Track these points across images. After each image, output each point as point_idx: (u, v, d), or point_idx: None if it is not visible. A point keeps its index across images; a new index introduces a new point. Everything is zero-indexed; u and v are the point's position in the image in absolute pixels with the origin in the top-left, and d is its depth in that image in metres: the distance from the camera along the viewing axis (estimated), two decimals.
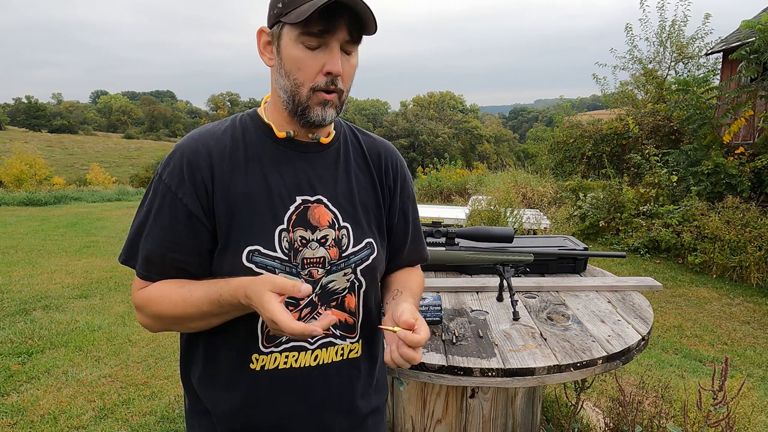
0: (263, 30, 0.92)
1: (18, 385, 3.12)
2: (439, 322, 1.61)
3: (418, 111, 59.69)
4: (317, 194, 0.95)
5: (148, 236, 0.90)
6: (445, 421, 1.86)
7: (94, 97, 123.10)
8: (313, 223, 0.93)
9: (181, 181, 0.89)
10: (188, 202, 0.88)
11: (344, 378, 0.99)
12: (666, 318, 4.85)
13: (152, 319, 0.92)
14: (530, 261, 1.67)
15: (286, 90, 0.90)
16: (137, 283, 0.93)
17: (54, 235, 8.28)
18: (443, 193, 13.73)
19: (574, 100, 24.83)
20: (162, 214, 0.90)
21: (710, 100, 8.76)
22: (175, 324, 0.92)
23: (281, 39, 0.88)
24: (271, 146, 0.95)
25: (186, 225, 0.89)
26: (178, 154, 0.91)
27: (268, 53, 0.93)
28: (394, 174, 1.08)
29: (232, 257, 0.89)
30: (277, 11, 0.87)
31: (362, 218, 1.00)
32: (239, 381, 0.94)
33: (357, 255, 0.98)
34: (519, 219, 6.91)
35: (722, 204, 6.95)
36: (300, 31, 0.85)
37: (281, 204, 0.92)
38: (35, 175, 19.71)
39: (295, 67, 0.88)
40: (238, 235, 0.89)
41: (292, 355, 0.94)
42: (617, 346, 1.45)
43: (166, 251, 0.90)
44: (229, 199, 0.90)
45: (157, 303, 0.89)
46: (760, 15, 8.60)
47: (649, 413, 2.22)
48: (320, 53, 0.87)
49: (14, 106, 80.00)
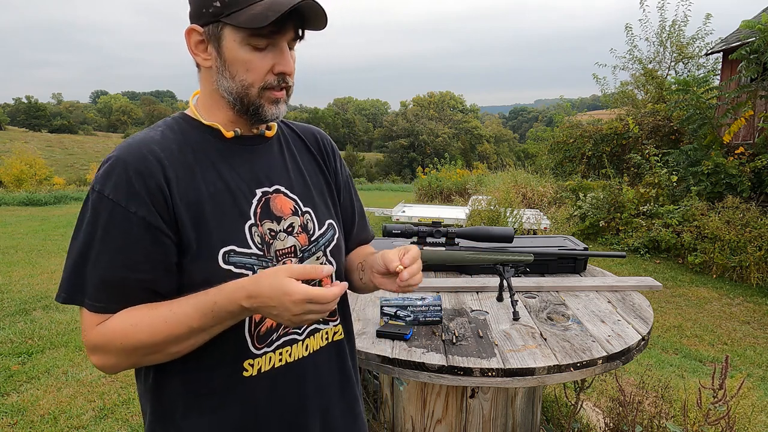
0: (194, 29, 0.87)
1: (18, 385, 3.12)
2: (439, 322, 1.61)
3: (418, 111, 59.71)
4: (274, 184, 0.94)
5: (98, 262, 0.80)
6: (445, 421, 1.86)
7: (94, 97, 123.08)
8: (277, 214, 0.93)
9: (131, 194, 0.80)
10: (145, 214, 0.80)
11: (333, 362, 1.01)
12: (666, 318, 4.85)
13: (121, 355, 0.81)
14: (530, 261, 1.67)
15: (232, 91, 0.88)
16: (91, 319, 0.81)
17: (54, 235, 8.28)
18: (443, 193, 13.73)
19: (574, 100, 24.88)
20: (112, 234, 0.80)
21: (710, 100, 8.76)
22: (153, 353, 0.82)
23: (222, 40, 0.85)
24: (218, 146, 0.91)
25: (149, 240, 0.81)
26: (120, 166, 0.81)
27: (202, 54, 0.88)
28: (333, 153, 1.10)
29: (207, 262, 0.84)
30: (215, 10, 0.83)
31: (319, 201, 1.01)
32: (235, 393, 0.89)
33: (324, 237, 0.99)
34: (519, 219, 6.91)
35: (722, 204, 6.95)
36: (249, 33, 0.83)
37: (244, 199, 0.89)
38: (35, 175, 19.71)
39: (243, 69, 0.86)
40: (209, 238, 0.84)
41: (285, 351, 0.93)
42: (617, 346, 1.45)
43: (129, 273, 0.81)
44: (191, 204, 0.84)
45: (130, 334, 0.79)
46: (760, 15, 8.60)
47: (649, 413, 2.22)
48: (269, 53, 0.86)
49: (14, 106, 80.00)
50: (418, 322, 1.60)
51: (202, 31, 0.86)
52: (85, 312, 0.81)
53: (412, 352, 1.40)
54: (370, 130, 71.30)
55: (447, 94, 66.26)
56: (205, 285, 0.82)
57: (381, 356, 1.39)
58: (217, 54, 0.86)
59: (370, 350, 1.41)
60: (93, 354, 0.83)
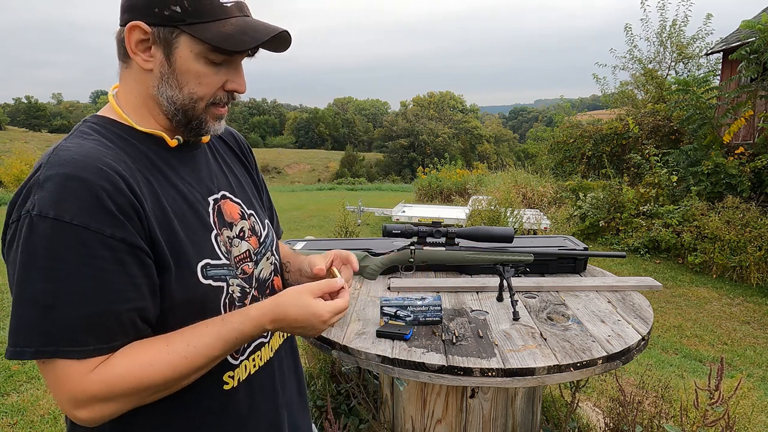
0: (139, 26, 0.77)
1: (18, 385, 3.12)
2: (439, 322, 1.61)
3: (418, 111, 59.71)
4: (221, 190, 0.92)
5: (74, 302, 0.68)
6: (445, 421, 1.86)
7: (94, 97, 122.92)
8: (229, 220, 0.90)
9: (102, 214, 0.69)
10: (124, 235, 0.71)
11: (289, 356, 1.05)
12: (666, 318, 4.85)
13: (127, 400, 0.72)
14: (530, 261, 1.67)
15: (176, 101, 0.81)
16: (78, 368, 0.69)
17: None
18: (443, 193, 13.72)
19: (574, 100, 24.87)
20: (87, 265, 0.69)
21: (710, 100, 8.76)
22: (163, 391, 0.76)
23: (176, 48, 0.78)
24: (161, 154, 0.84)
25: (132, 263, 0.72)
26: (78, 185, 0.69)
27: (142, 54, 0.79)
28: (250, 151, 1.10)
29: (187, 279, 0.79)
30: (172, 14, 0.76)
31: (254, 201, 1.01)
32: (218, 409, 0.87)
33: (268, 239, 1.00)
34: (519, 219, 6.91)
35: (722, 204, 6.95)
36: (210, 48, 0.78)
37: (203, 209, 0.85)
38: None
39: (195, 82, 0.80)
40: (185, 253, 0.79)
41: (257, 356, 0.94)
42: (617, 346, 1.45)
43: (115, 305, 0.71)
44: (160, 218, 0.77)
45: (146, 375, 0.71)
46: (760, 15, 8.60)
47: (649, 413, 2.22)
48: (222, 69, 0.82)
49: (14, 106, 80.00)
50: (418, 322, 1.60)
51: (150, 31, 0.78)
52: (63, 363, 0.68)
53: (412, 352, 1.40)
54: (370, 130, 71.31)
55: (447, 94, 66.25)
56: (186, 304, 0.79)
57: (381, 356, 1.39)
58: (165, 60, 0.79)
59: (370, 350, 1.41)
60: (86, 406, 0.70)
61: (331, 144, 68.15)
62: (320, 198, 15.74)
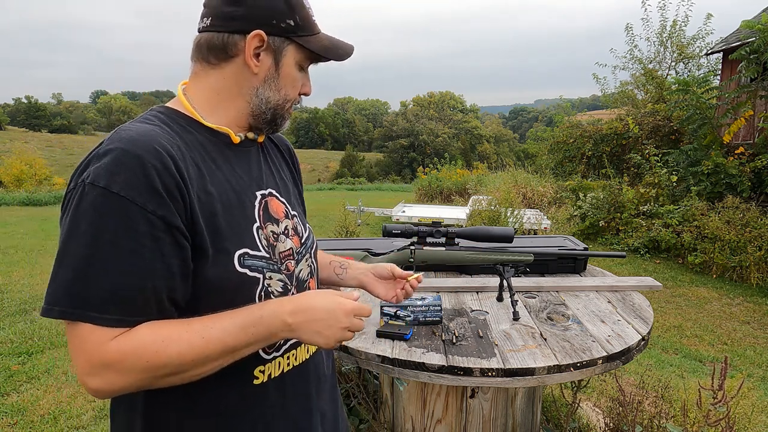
0: (260, 35, 0.85)
1: (18, 385, 3.12)
2: (439, 322, 1.61)
3: (418, 111, 59.71)
4: (268, 188, 0.96)
5: (107, 269, 0.71)
6: (445, 421, 1.86)
7: (94, 97, 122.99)
8: (275, 216, 0.94)
9: (148, 191, 0.73)
10: (164, 213, 0.74)
11: (324, 360, 1.05)
12: (666, 318, 4.85)
13: (139, 374, 0.73)
14: (530, 261, 1.67)
15: (270, 102, 0.91)
16: (100, 334, 0.71)
17: (54, 235, 8.28)
18: (443, 193, 13.72)
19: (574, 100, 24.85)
20: (127, 237, 0.71)
21: (710, 100, 8.76)
22: (175, 374, 0.75)
23: (284, 55, 0.89)
24: (218, 146, 0.89)
25: (168, 242, 0.74)
26: (132, 160, 0.73)
27: (255, 59, 0.87)
28: (296, 160, 1.16)
29: (224, 265, 0.81)
30: (287, 27, 0.87)
31: (297, 204, 1.05)
32: (245, 404, 0.87)
33: (309, 240, 1.03)
34: (519, 219, 6.91)
35: (722, 204, 6.95)
36: (306, 56, 0.92)
37: (249, 202, 0.89)
38: (35, 175, 19.73)
39: (291, 86, 0.93)
40: (224, 240, 0.82)
41: (292, 354, 0.94)
42: (617, 346, 1.45)
43: (145, 281, 0.73)
44: (205, 203, 0.80)
45: (161, 350, 0.73)
46: (760, 15, 8.60)
47: (649, 413, 2.22)
48: (302, 74, 0.95)
49: (14, 106, 79.99)
50: (418, 322, 1.60)
51: (266, 39, 0.86)
52: (86, 328, 0.71)
53: (412, 352, 1.40)
54: (370, 130, 71.32)
55: (447, 94, 66.26)
56: (218, 291, 0.81)
57: (381, 356, 1.39)
58: (273, 65, 0.89)
59: (370, 350, 1.41)
60: (99, 374, 0.71)
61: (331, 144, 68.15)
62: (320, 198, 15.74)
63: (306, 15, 0.90)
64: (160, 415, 0.84)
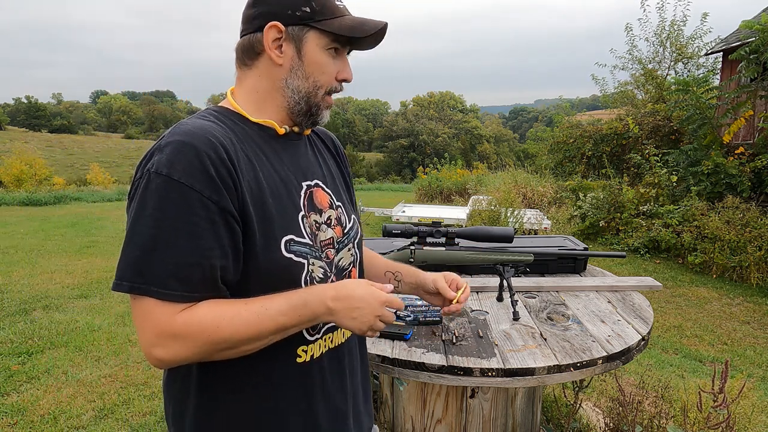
0: (276, 26, 0.90)
1: (18, 385, 3.12)
2: (439, 322, 1.61)
3: (418, 111, 59.71)
4: (314, 179, 1.01)
5: (169, 249, 0.78)
6: (445, 421, 1.86)
7: (94, 97, 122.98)
8: (319, 206, 0.98)
9: (204, 179, 0.80)
10: (218, 199, 0.81)
11: (357, 347, 1.09)
12: (666, 318, 4.85)
13: (201, 347, 0.80)
14: (530, 261, 1.67)
15: (300, 91, 0.94)
16: (164, 309, 0.78)
17: (54, 235, 8.28)
18: (443, 193, 13.73)
19: (573, 100, 24.84)
20: (187, 220, 0.79)
21: (710, 100, 8.76)
22: (231, 348, 0.82)
23: (305, 42, 0.92)
24: (268, 140, 0.96)
25: (222, 225, 0.81)
26: (191, 151, 0.81)
27: (277, 51, 0.92)
28: (345, 156, 1.20)
29: (271, 250, 0.87)
30: (303, 15, 0.90)
31: (343, 195, 1.09)
32: (289, 380, 0.93)
33: (352, 230, 1.07)
34: (519, 219, 6.91)
35: (722, 204, 6.95)
36: (333, 39, 0.92)
37: (295, 191, 0.95)
38: (35, 175, 19.70)
39: (319, 71, 0.93)
40: (272, 227, 0.88)
41: (328, 337, 0.99)
42: (617, 346, 1.45)
43: (202, 260, 0.79)
44: (255, 192, 0.87)
45: (222, 326, 0.79)
46: (760, 15, 8.60)
47: (649, 413, 2.22)
48: (337, 61, 0.95)
49: (14, 106, 79.98)
50: (418, 322, 1.60)
51: (284, 29, 0.91)
52: (150, 302, 0.78)
53: (412, 352, 1.40)
54: (370, 130, 71.31)
55: (447, 94, 66.25)
56: (267, 273, 0.86)
57: (381, 356, 1.39)
58: (296, 54, 0.92)
59: (370, 350, 1.41)
60: (163, 345, 0.78)
61: None
62: None
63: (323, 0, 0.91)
64: (212, 384, 0.90)
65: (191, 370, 0.90)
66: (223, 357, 0.83)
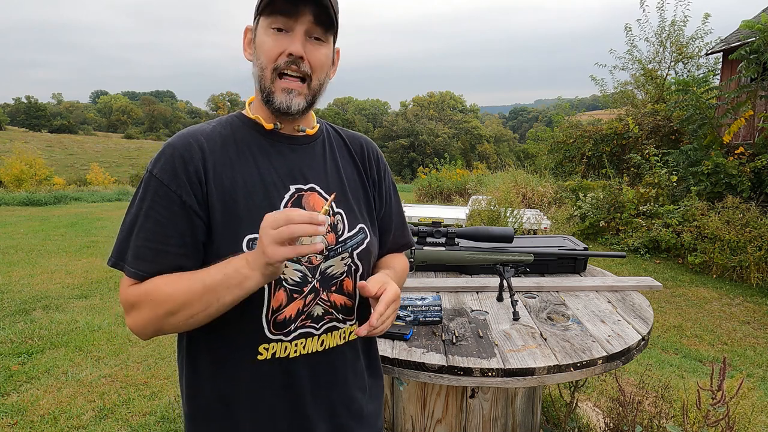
0: (248, 28, 0.99)
1: (18, 385, 3.12)
2: (439, 322, 1.61)
3: (418, 111, 59.71)
4: (310, 183, 0.99)
5: (140, 233, 0.89)
6: (445, 421, 1.86)
7: (94, 97, 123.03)
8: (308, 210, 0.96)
9: (173, 175, 0.90)
10: (182, 194, 0.90)
11: (348, 360, 1.04)
12: (666, 318, 4.85)
13: (150, 310, 0.87)
14: (530, 261, 1.67)
15: (256, 77, 0.97)
16: (126, 281, 0.91)
17: (54, 235, 8.28)
18: (443, 193, 13.73)
19: (573, 100, 24.78)
20: (155, 209, 0.90)
21: (710, 100, 8.76)
22: (173, 312, 0.86)
23: (257, 31, 0.96)
24: (260, 140, 0.99)
25: (182, 217, 0.90)
26: (169, 151, 0.92)
27: (249, 49, 0.99)
28: (377, 164, 1.15)
29: (232, 247, 0.90)
30: (257, 8, 0.95)
31: (354, 205, 1.05)
32: (249, 374, 0.95)
33: (352, 239, 1.02)
34: (519, 219, 6.91)
35: (722, 204, 6.95)
36: (267, 14, 0.92)
37: (276, 193, 0.95)
38: (35, 175, 19.69)
39: (261, 51, 0.94)
40: (237, 224, 0.91)
41: (300, 343, 0.96)
42: (617, 346, 1.45)
43: (161, 245, 0.89)
44: (223, 190, 0.92)
45: (160, 287, 0.87)
46: (760, 15, 8.60)
47: (649, 413, 2.22)
48: (284, 37, 0.93)
49: (14, 106, 79.94)
50: (418, 322, 1.60)
51: (251, 27, 0.98)
52: (123, 278, 0.91)
53: (412, 352, 1.40)
54: (370, 130, 71.23)
55: (447, 94, 66.26)
56: None
57: (381, 356, 1.39)
58: (253, 44, 0.97)
59: None
60: (127, 313, 0.91)
61: None
62: None
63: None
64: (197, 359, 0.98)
65: (183, 353, 1.00)
66: (173, 324, 0.88)
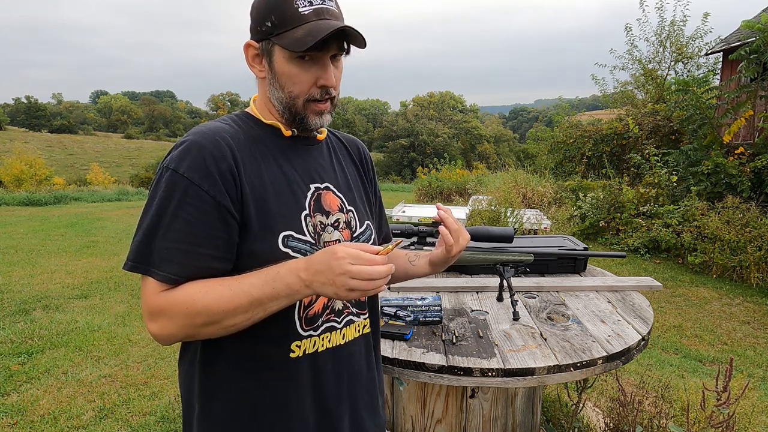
0: (250, 44, 0.97)
1: (18, 385, 3.12)
2: (439, 322, 1.61)
3: (418, 111, 59.68)
4: (325, 182, 1.03)
5: (167, 234, 0.85)
6: (445, 421, 1.86)
7: (94, 97, 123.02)
8: (326, 209, 1.01)
9: (205, 174, 0.87)
10: (216, 193, 0.87)
11: (363, 353, 1.08)
12: (666, 318, 4.85)
13: (182, 321, 0.84)
14: (530, 261, 1.67)
15: (282, 101, 0.97)
16: (155, 286, 0.86)
17: (54, 235, 8.28)
18: (443, 193, 13.73)
19: (573, 100, 24.81)
20: (183, 209, 0.86)
21: (710, 100, 8.76)
22: (212, 323, 0.85)
23: (273, 55, 0.94)
24: (278, 142, 1.00)
25: (216, 218, 0.87)
26: (196, 148, 0.88)
27: (257, 65, 0.98)
28: (370, 165, 1.22)
29: (268, 244, 0.91)
30: (266, 29, 0.92)
31: (359, 203, 1.11)
32: (281, 373, 0.95)
33: (363, 235, 1.08)
34: (519, 219, 6.91)
35: (722, 204, 6.94)
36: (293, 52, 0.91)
37: (300, 191, 0.98)
38: (35, 175, 19.70)
39: (290, 82, 0.94)
40: (271, 221, 0.92)
41: (326, 337, 0.99)
42: (617, 346, 1.45)
43: (193, 247, 0.86)
44: (256, 188, 0.92)
45: (197, 299, 0.84)
46: (760, 15, 8.60)
47: (650, 413, 2.22)
48: (312, 67, 0.94)
49: (14, 106, 79.93)
50: (418, 322, 1.60)
51: (258, 46, 0.96)
52: (149, 280, 0.86)
53: (412, 352, 1.40)
54: (370, 130, 71.26)
55: (447, 94, 66.25)
56: (263, 266, 0.87)
57: (381, 356, 1.39)
58: (269, 67, 0.96)
59: None
60: (153, 320, 0.86)
61: None
62: None
63: (284, 11, 0.90)
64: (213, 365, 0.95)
65: (196, 354, 0.96)
66: (208, 333, 0.86)
